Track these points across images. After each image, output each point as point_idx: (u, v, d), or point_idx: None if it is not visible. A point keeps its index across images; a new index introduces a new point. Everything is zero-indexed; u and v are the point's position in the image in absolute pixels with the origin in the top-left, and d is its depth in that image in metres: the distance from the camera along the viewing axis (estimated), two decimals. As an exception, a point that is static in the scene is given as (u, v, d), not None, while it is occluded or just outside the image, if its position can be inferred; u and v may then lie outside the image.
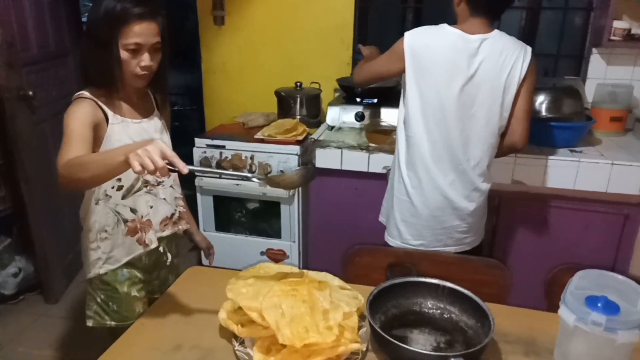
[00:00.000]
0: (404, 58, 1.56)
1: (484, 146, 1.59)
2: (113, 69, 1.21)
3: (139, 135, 1.33)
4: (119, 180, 1.31)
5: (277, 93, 2.60)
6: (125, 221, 1.35)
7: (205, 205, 2.46)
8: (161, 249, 1.46)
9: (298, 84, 2.60)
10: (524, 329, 1.11)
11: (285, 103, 2.59)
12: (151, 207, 1.38)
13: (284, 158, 2.29)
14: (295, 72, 2.70)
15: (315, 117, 2.61)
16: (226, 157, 2.36)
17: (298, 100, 2.56)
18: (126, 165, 0.95)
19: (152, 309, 1.22)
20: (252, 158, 2.33)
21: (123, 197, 1.34)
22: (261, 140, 2.33)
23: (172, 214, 1.46)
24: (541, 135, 2.01)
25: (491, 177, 1.67)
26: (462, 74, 1.52)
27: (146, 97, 1.43)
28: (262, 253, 2.46)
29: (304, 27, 2.67)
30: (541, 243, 2.07)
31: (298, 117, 2.55)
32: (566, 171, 1.96)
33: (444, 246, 1.66)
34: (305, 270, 1.20)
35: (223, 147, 2.36)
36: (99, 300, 1.39)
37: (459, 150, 1.58)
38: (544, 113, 2.09)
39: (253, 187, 2.32)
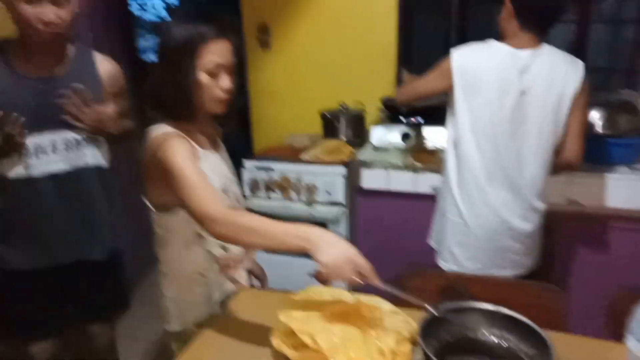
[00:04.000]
0: (451, 76, 1.56)
1: (538, 163, 1.56)
2: (191, 96, 1.13)
3: (217, 167, 1.27)
4: None
5: (322, 115, 2.64)
6: (217, 260, 1.29)
7: (253, 225, 2.51)
8: (244, 281, 1.40)
9: (342, 105, 2.63)
10: (587, 359, 1.06)
11: (330, 124, 2.62)
12: None
13: (330, 179, 2.32)
14: (339, 92, 2.74)
15: (359, 137, 2.63)
16: (274, 179, 2.41)
17: (342, 121, 2.59)
18: (300, 249, 0.96)
19: (206, 331, 1.25)
20: (298, 179, 2.37)
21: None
22: (307, 162, 2.37)
23: None
24: (597, 152, 1.94)
25: (546, 195, 1.63)
26: (513, 90, 1.50)
27: (212, 127, 1.34)
28: (309, 275, 2.46)
29: (347, 49, 2.72)
30: (601, 266, 1.98)
31: (343, 137, 2.57)
32: (625, 189, 1.87)
33: (500, 269, 1.62)
34: (356, 294, 1.20)
35: (271, 169, 2.41)
36: None
37: (512, 168, 1.55)
38: (599, 129, 2.02)
39: (300, 208, 2.36)
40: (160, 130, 1.15)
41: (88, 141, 1.50)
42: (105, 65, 1.54)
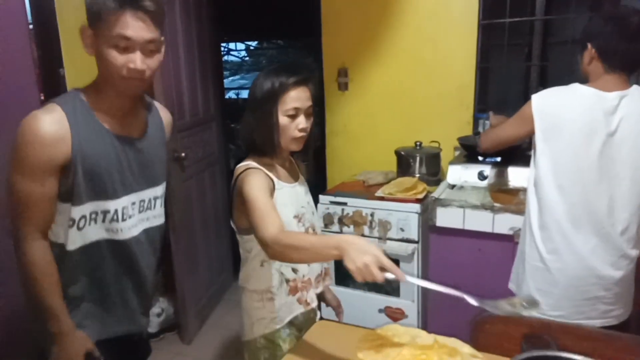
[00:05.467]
0: (532, 121, 1.54)
1: (632, 209, 1.49)
2: (273, 135, 1.33)
3: (295, 198, 1.43)
4: None
5: (397, 152, 2.68)
6: (287, 281, 1.41)
7: (326, 259, 2.56)
8: (315, 304, 1.49)
9: (418, 143, 2.65)
10: None
11: (404, 162, 2.65)
12: (309, 265, 1.43)
13: (404, 216, 2.33)
14: (414, 132, 2.76)
15: (434, 175, 2.62)
16: (347, 214, 2.46)
17: (418, 158, 2.61)
18: (337, 257, 1.05)
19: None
20: (372, 215, 2.40)
21: None
22: (381, 198, 2.40)
23: (322, 271, 1.51)
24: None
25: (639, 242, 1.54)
26: (601, 133, 1.46)
27: (292, 163, 1.53)
28: (380, 310, 2.46)
29: (423, 91, 2.75)
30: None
31: (417, 175, 2.58)
32: None
33: (586, 319, 1.54)
34: (434, 335, 1.20)
35: (345, 204, 2.47)
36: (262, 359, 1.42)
37: (602, 213, 1.49)
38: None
39: (372, 243, 2.37)
40: (245, 165, 1.35)
41: (161, 197, 1.42)
42: (165, 115, 1.46)
